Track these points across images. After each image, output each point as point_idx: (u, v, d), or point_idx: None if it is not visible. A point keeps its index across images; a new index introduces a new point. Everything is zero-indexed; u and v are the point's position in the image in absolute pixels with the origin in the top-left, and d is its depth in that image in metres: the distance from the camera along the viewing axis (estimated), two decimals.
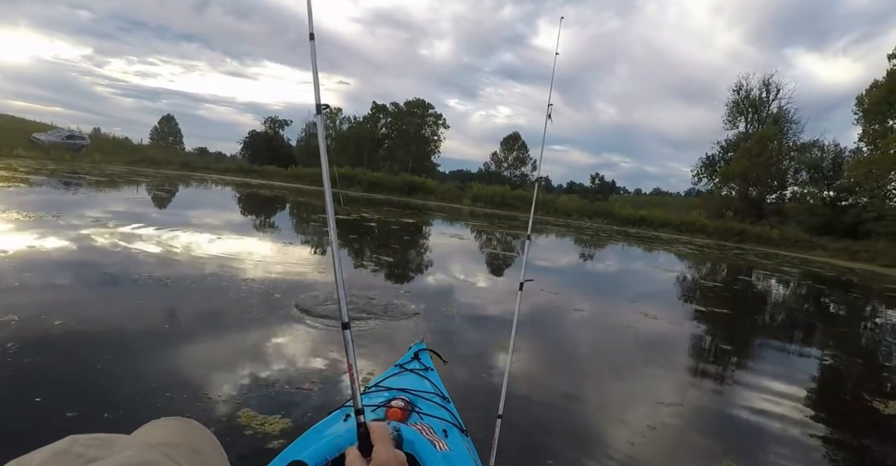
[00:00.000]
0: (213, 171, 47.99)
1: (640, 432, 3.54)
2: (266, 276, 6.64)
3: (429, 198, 45.87)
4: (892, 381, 6.08)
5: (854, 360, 6.89)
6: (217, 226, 11.42)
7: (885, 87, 38.24)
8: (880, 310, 13.27)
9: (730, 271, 17.92)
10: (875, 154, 39.58)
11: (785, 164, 50.67)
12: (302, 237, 12.31)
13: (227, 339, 4.26)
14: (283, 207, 21.55)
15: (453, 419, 1.92)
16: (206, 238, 9.30)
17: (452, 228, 21.50)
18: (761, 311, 10.49)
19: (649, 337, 6.39)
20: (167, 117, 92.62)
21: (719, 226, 39.69)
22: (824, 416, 4.45)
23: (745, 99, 54.78)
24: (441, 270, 9.80)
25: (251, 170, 52.85)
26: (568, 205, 46.54)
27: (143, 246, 7.67)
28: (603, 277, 12.74)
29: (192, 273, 6.33)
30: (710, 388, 4.85)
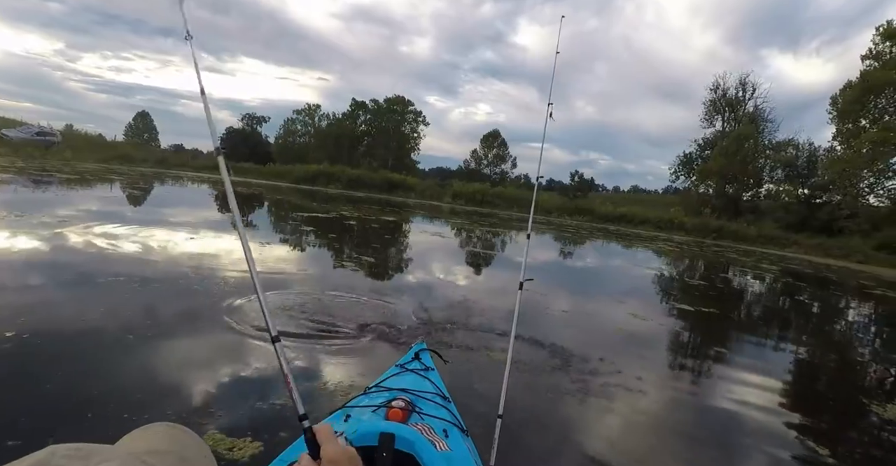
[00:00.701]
0: (189, 169, 47.07)
1: (638, 431, 3.53)
2: (218, 275, 6.33)
3: (409, 195, 45.54)
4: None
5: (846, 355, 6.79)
6: (191, 224, 11.05)
7: (859, 88, 38.92)
8: (862, 306, 13.36)
9: (713, 269, 17.95)
10: (848, 153, 40.29)
11: (761, 162, 51.31)
12: (278, 236, 11.97)
13: (171, 351, 3.92)
14: (261, 205, 21.11)
15: (454, 419, 1.93)
16: (176, 236, 8.94)
17: (434, 226, 21.27)
18: (750, 310, 10.43)
19: (639, 338, 6.24)
20: (142, 113, 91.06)
21: (698, 224, 40.02)
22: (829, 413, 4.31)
23: (722, 98, 55.42)
24: (422, 268, 9.54)
25: (228, 167, 51.88)
26: (549, 202, 46.55)
27: (110, 245, 7.30)
28: (590, 276, 12.61)
29: (164, 272, 6.01)
30: (708, 389, 4.75)
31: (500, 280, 9.76)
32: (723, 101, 55.50)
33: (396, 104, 68.66)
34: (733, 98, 54.93)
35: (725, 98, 55.27)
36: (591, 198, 61.88)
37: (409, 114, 69.40)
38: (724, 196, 50.34)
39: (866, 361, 7.10)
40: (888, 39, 39.15)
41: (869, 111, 40.19)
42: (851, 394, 5.32)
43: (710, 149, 53.48)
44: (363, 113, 69.83)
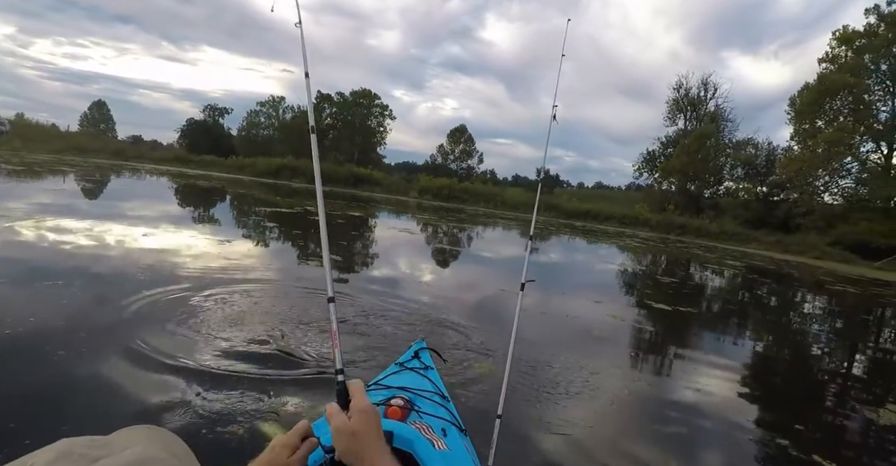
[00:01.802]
0: (147, 161, 45.67)
1: (636, 429, 3.54)
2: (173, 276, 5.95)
3: (375, 190, 45.02)
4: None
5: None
6: (147, 219, 10.53)
7: (816, 90, 39.97)
8: (825, 301, 13.59)
9: (681, 266, 18.12)
10: (805, 153, 41.36)
11: (721, 161, 52.44)
12: (241, 232, 11.53)
13: (92, 374, 3.59)
14: (223, 199, 20.44)
15: (452, 418, 1.91)
16: (128, 232, 8.46)
17: (402, 222, 20.95)
18: (724, 308, 10.48)
19: (616, 339, 6.15)
20: (98, 103, 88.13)
21: (661, 220, 40.62)
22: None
23: (685, 97, 56.38)
24: (390, 265, 9.27)
25: (188, 159, 50.58)
26: (515, 198, 46.64)
27: (53, 240, 6.82)
28: (569, 275, 12.50)
29: (113, 269, 5.60)
30: (698, 384, 4.56)
31: (473, 276, 9.57)
32: (685, 101, 56.46)
33: (363, 97, 67.83)
34: (695, 97, 55.95)
35: (688, 97, 56.25)
36: (557, 194, 62.34)
37: (375, 107, 68.67)
38: (686, 193, 51.33)
39: (834, 351, 7.17)
40: (844, 44, 40.32)
41: (825, 112, 41.35)
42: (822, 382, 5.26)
43: (673, 147, 54.36)
44: (329, 106, 68.73)
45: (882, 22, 38.33)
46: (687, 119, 56.71)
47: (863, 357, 7.49)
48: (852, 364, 6.95)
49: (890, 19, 37.75)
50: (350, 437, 0.86)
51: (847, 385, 5.82)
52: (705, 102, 55.76)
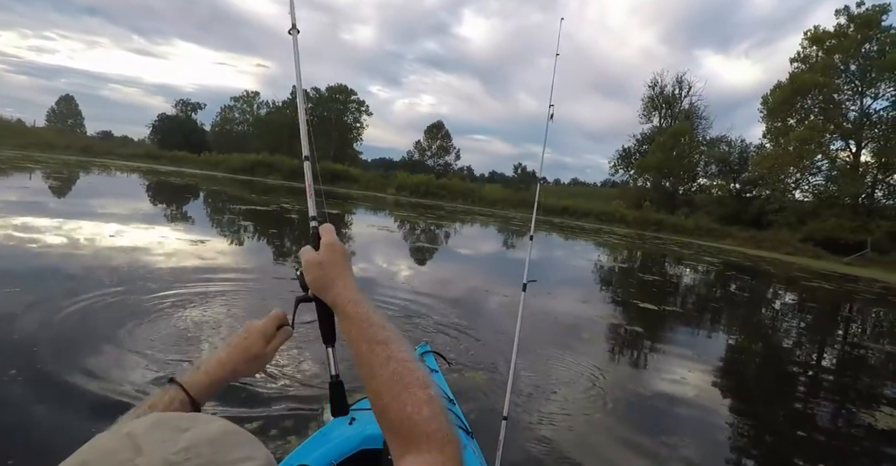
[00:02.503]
0: (117, 157, 44.69)
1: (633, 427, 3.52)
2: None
3: (352, 186, 44.59)
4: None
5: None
6: (116, 217, 10.16)
7: (788, 88, 40.57)
8: (803, 296, 13.73)
9: (662, 263, 18.23)
10: (777, 150, 41.99)
11: (696, 158, 53.02)
12: (215, 231, 11.20)
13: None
14: (195, 197, 19.97)
15: (459, 421, 1.88)
16: (99, 230, 8.13)
17: (379, 218, 20.71)
18: (707, 305, 10.51)
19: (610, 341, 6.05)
20: (66, 97, 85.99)
21: (638, 216, 40.95)
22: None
23: (660, 95, 56.86)
24: (369, 263, 9.07)
25: (160, 155, 49.59)
26: (492, 194, 46.63)
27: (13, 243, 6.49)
28: (550, 273, 12.39)
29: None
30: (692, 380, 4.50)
31: (459, 276, 9.41)
32: (660, 98, 56.95)
33: (339, 93, 67.14)
34: (670, 95, 56.45)
35: (663, 95, 56.75)
36: (534, 190, 62.42)
37: (351, 103, 68.03)
38: (661, 189, 51.84)
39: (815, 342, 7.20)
40: (815, 44, 40.99)
41: (796, 111, 42.02)
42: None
43: (648, 144, 54.83)
44: (304, 101, 67.87)
45: (852, 23, 39.05)
46: (662, 116, 57.25)
47: (847, 349, 7.54)
48: (843, 356, 6.98)
49: (859, 21, 38.47)
50: (317, 266, 0.91)
51: (840, 375, 5.82)
52: (680, 100, 56.35)
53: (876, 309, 13.51)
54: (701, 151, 53.33)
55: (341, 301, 0.88)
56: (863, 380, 6.12)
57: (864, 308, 13.45)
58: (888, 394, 5.43)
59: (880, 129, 38.94)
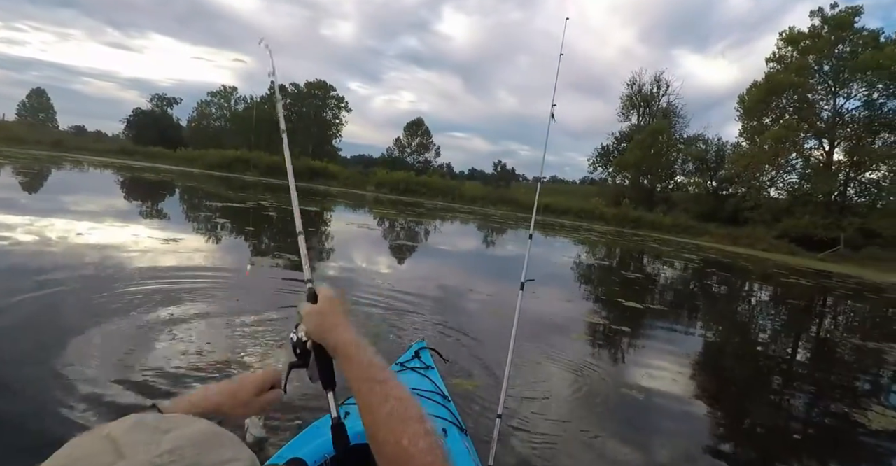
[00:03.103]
0: (90, 152, 43.66)
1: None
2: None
3: (331, 183, 44.17)
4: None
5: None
6: (87, 214, 9.87)
7: (764, 88, 41.14)
8: (783, 292, 13.88)
9: (642, 260, 18.32)
10: (753, 148, 42.58)
11: (673, 156, 53.60)
12: (189, 229, 10.94)
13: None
14: (171, 193, 19.59)
15: (453, 418, 1.91)
16: (70, 227, 7.87)
17: (359, 216, 20.52)
18: (692, 303, 10.56)
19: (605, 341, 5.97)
20: (37, 91, 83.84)
21: (617, 214, 41.23)
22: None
23: (638, 93, 57.37)
24: (350, 263, 8.92)
25: (135, 151, 48.63)
26: (472, 191, 46.56)
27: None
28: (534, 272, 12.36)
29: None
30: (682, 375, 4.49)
31: (441, 274, 9.31)
32: (639, 97, 57.46)
33: (318, 89, 66.48)
34: (648, 94, 57.02)
35: (641, 93, 57.26)
36: (514, 187, 62.72)
37: (330, 99, 67.40)
38: (639, 187, 52.32)
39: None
40: (790, 44, 41.60)
41: (772, 110, 42.63)
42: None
43: (627, 142, 55.27)
44: (283, 97, 66.97)
45: (825, 24, 39.70)
46: (640, 115, 57.78)
47: (831, 344, 7.61)
48: (827, 350, 7.03)
49: (833, 22, 39.12)
50: (317, 315, 0.96)
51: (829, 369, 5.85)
52: (658, 99, 56.94)
53: (854, 304, 13.72)
54: (678, 149, 53.96)
55: (342, 344, 0.91)
56: (845, 374, 6.17)
57: (840, 303, 13.65)
58: (874, 388, 5.50)
59: (852, 129, 39.71)
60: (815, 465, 3.73)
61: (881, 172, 38.16)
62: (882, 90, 37.47)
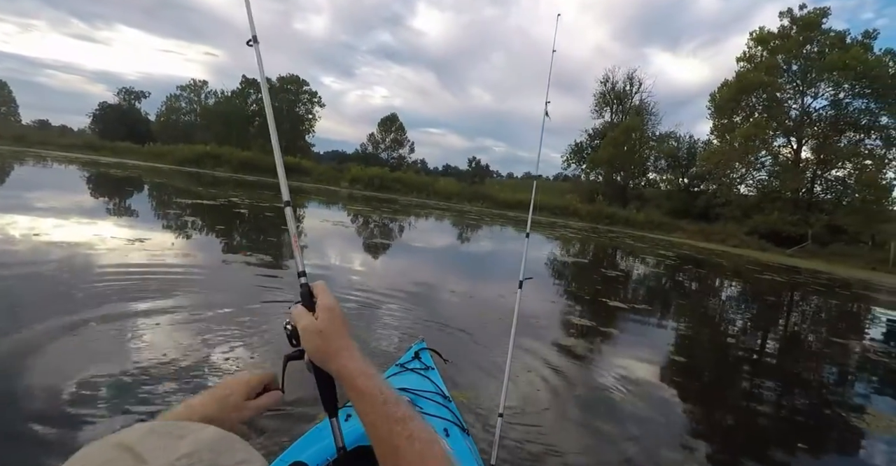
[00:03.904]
0: (54, 147, 42.36)
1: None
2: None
3: (304, 179, 43.57)
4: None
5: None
6: (44, 211, 9.44)
7: (735, 87, 41.85)
8: (760, 289, 14.03)
9: (620, 257, 18.38)
10: (724, 146, 43.30)
11: (646, 153, 54.23)
12: (156, 229, 10.57)
13: None
14: (138, 189, 19.02)
15: (454, 418, 1.91)
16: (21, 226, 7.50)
17: (333, 213, 20.19)
18: (675, 301, 10.51)
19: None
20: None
21: (591, 210, 41.50)
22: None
23: (612, 91, 57.86)
24: (325, 262, 8.69)
25: (101, 146, 47.32)
26: (447, 188, 46.39)
27: None
28: (515, 270, 12.24)
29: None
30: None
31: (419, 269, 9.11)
32: (612, 94, 57.97)
33: (290, 83, 65.55)
34: (622, 91, 57.58)
35: (614, 91, 57.76)
36: (489, 183, 62.78)
37: (303, 94, 66.53)
38: (612, 184, 52.82)
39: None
40: (760, 44, 42.33)
41: (742, 108, 43.38)
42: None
43: (600, 138, 55.68)
44: (255, 91, 66.02)
45: (794, 25, 40.48)
46: (613, 112, 58.30)
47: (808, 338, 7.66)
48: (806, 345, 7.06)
49: (801, 23, 39.90)
50: (318, 335, 0.86)
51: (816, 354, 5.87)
52: (630, 96, 57.54)
53: (830, 301, 13.94)
54: (651, 146, 54.68)
55: (348, 373, 0.83)
56: (826, 369, 6.19)
57: (817, 299, 13.83)
58: (864, 387, 5.54)
59: (819, 127, 40.67)
60: (802, 454, 3.70)
61: (846, 170, 39.13)
62: (847, 90, 38.44)
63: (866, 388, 5.73)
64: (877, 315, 12.44)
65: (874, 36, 38.76)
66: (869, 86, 36.74)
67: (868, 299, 15.44)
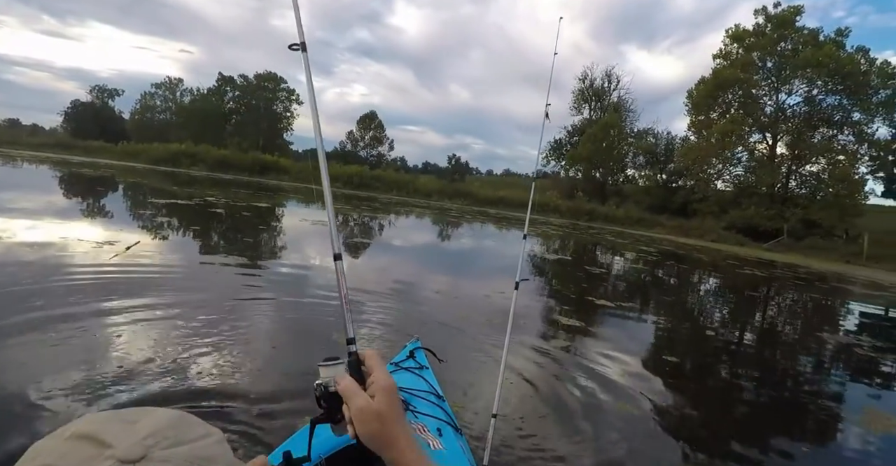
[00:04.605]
0: (24, 147, 41.46)
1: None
2: None
3: (282, 178, 43.06)
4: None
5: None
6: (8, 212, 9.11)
7: (712, 83, 42.23)
8: (743, 283, 14.09)
9: (602, 254, 18.41)
10: (701, 142, 43.70)
11: (625, 149, 54.57)
12: (127, 231, 10.27)
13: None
14: (113, 189, 18.57)
15: (448, 418, 1.91)
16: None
17: (313, 212, 19.91)
18: (661, 298, 10.51)
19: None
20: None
21: (572, 207, 41.62)
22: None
23: (590, 88, 58.03)
24: (306, 265, 8.51)
25: (73, 145, 46.34)
26: (427, 185, 46.21)
27: None
28: (498, 269, 12.14)
29: None
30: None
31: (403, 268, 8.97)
32: (590, 91, 58.13)
33: (268, 81, 64.68)
34: (600, 88, 57.77)
35: (592, 88, 57.94)
36: (468, 181, 62.77)
37: (281, 91, 65.67)
38: (591, 180, 53.09)
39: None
40: (736, 41, 42.77)
41: (718, 105, 43.81)
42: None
43: (579, 135, 55.83)
44: (231, 89, 65.06)
45: (769, 23, 40.95)
46: (592, 109, 58.50)
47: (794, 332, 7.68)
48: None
49: (776, 20, 40.38)
50: (376, 419, 0.77)
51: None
52: (609, 93, 57.77)
53: (812, 294, 14.14)
54: (629, 143, 54.99)
55: (405, 464, 0.76)
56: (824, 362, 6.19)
57: (797, 292, 13.98)
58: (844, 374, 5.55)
59: (793, 123, 41.21)
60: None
61: (820, 165, 39.73)
62: (821, 87, 38.98)
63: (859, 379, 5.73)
64: (851, 308, 12.63)
65: (846, 34, 39.39)
66: (841, 82, 37.29)
67: (847, 292, 15.64)
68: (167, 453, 0.48)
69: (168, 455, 0.48)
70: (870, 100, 37.56)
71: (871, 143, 38.99)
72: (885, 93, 37.43)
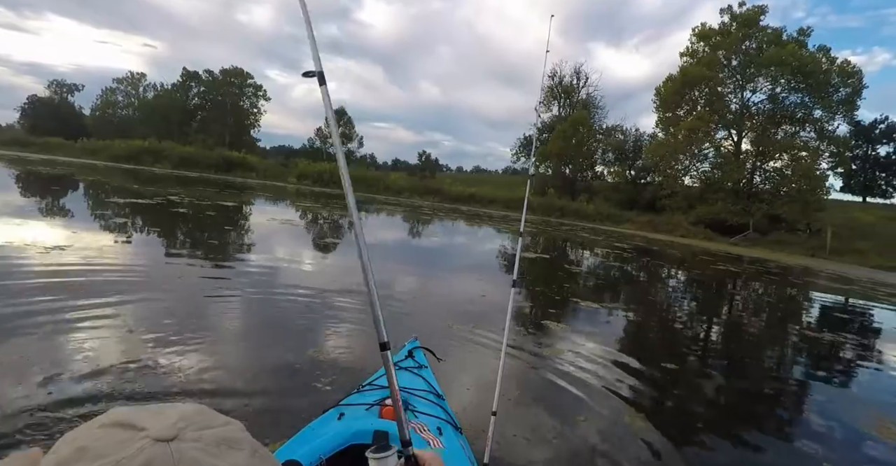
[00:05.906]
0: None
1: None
2: None
3: (250, 175, 42.30)
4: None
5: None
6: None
7: (679, 81, 42.81)
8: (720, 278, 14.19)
9: (577, 251, 18.39)
10: (668, 139, 44.28)
11: (594, 146, 55.04)
12: (81, 234, 9.78)
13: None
14: (72, 188, 17.83)
15: (447, 417, 1.91)
16: None
17: (281, 210, 19.48)
18: (644, 296, 10.46)
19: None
20: None
21: (543, 203, 41.77)
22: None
23: (559, 85, 58.34)
24: (275, 268, 8.20)
25: (30, 142, 44.74)
26: (398, 182, 45.92)
27: None
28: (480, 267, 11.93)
29: None
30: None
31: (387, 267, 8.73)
32: (559, 88, 58.44)
33: (234, 76, 63.42)
34: (569, 85, 58.12)
35: (562, 85, 58.27)
36: (439, 178, 62.60)
37: (248, 87, 64.52)
38: (561, 176, 53.45)
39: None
40: (702, 40, 43.41)
41: (686, 102, 44.41)
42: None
43: (549, 132, 56.10)
44: (196, 84, 63.60)
45: (734, 22, 41.67)
46: (561, 106, 58.85)
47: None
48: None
49: (741, 19, 41.11)
50: None
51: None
52: (578, 90, 58.17)
53: (790, 289, 14.39)
54: (598, 139, 55.49)
55: None
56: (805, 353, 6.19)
57: (774, 287, 14.18)
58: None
59: (758, 120, 42.05)
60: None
61: (783, 161, 40.60)
62: (784, 85, 39.81)
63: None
64: (813, 297, 12.86)
65: (808, 33, 40.37)
66: (804, 81, 38.16)
67: (818, 286, 15.98)
68: (198, 434, 0.51)
69: (199, 436, 0.51)
70: (830, 98, 38.53)
71: (832, 140, 40.00)
72: (844, 92, 38.47)
